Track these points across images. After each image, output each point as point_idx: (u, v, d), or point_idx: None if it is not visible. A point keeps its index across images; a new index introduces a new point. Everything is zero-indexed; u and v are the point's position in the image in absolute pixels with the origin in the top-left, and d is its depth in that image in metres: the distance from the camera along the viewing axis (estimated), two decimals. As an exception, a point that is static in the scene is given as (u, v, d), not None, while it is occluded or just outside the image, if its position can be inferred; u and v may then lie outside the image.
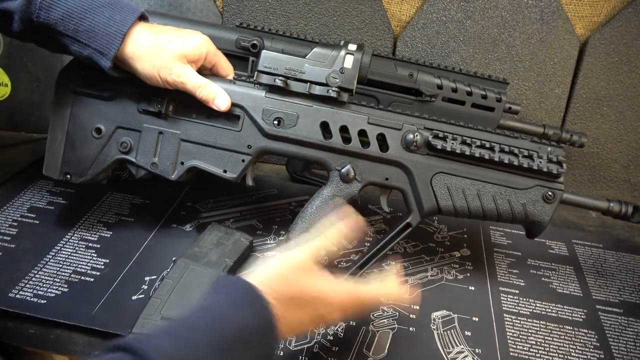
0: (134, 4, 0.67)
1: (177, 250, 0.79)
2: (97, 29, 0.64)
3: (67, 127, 0.74)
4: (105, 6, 0.65)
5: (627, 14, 0.92)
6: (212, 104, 0.70)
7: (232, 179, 0.74)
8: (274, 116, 0.72)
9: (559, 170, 0.69)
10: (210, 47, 0.71)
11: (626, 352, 0.71)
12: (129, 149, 0.74)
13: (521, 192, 0.71)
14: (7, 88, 1.03)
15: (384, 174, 0.72)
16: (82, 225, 0.84)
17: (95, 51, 0.65)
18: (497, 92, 0.86)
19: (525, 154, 0.70)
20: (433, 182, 0.71)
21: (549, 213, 0.71)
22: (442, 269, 0.82)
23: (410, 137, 0.70)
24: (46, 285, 0.72)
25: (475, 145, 0.70)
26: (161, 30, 0.68)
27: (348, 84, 0.70)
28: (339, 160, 0.73)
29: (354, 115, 0.72)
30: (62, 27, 0.64)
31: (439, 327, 0.71)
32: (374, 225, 0.91)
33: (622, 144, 1.00)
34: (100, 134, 0.74)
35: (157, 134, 0.73)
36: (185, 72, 0.68)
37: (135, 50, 0.66)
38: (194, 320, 0.47)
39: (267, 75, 0.70)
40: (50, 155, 0.75)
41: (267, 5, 0.99)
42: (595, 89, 0.97)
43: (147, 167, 0.74)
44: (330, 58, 0.70)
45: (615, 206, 0.74)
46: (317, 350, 0.66)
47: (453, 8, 0.95)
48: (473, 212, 0.72)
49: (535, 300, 0.78)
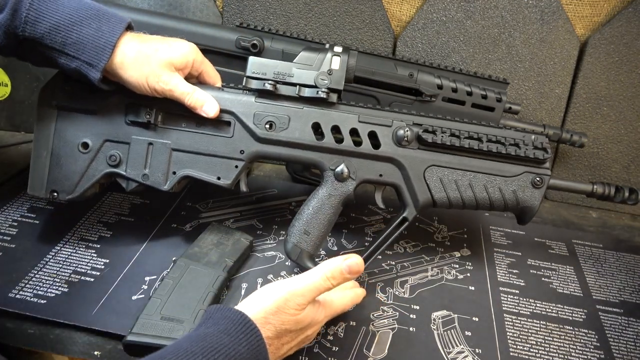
0: (121, 14, 0.67)
1: (177, 250, 0.79)
2: (86, 41, 0.64)
3: (52, 144, 0.73)
4: (92, 18, 0.64)
5: (627, 14, 0.92)
6: (200, 110, 0.70)
7: (226, 185, 0.74)
8: (265, 120, 0.72)
9: (544, 155, 0.72)
10: (197, 55, 0.71)
11: (626, 352, 0.70)
12: (119, 162, 0.73)
13: (511, 179, 0.73)
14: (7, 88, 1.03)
15: (378, 171, 0.73)
16: (82, 225, 0.84)
17: (84, 63, 0.64)
18: (497, 92, 0.86)
19: (511, 142, 0.72)
20: (426, 175, 0.73)
21: (538, 198, 0.74)
22: (442, 269, 0.82)
23: (401, 132, 0.72)
24: (46, 285, 0.72)
25: (464, 136, 0.72)
26: (148, 39, 0.68)
27: (336, 84, 0.71)
28: (332, 160, 0.73)
29: (344, 115, 0.72)
30: (49, 40, 0.63)
31: (439, 327, 0.71)
32: (373, 225, 0.91)
33: (622, 144, 1.00)
34: (87, 148, 0.73)
35: (146, 144, 0.73)
36: (173, 79, 0.68)
37: (124, 60, 0.65)
38: (186, 349, 0.47)
39: (256, 80, 0.71)
40: (35, 173, 0.73)
41: (267, 5, 0.99)
42: (595, 89, 0.97)
43: (138, 179, 0.73)
44: (317, 61, 0.71)
45: (598, 188, 0.78)
46: (317, 351, 0.66)
47: (453, 8, 0.95)
48: (466, 202, 0.73)
49: (536, 300, 0.78)
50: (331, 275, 0.58)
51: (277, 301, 0.55)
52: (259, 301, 0.55)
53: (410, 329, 0.70)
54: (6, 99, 1.03)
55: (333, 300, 0.63)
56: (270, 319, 0.54)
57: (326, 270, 0.58)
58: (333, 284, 0.58)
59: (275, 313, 0.55)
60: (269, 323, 0.54)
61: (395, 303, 0.74)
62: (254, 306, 0.55)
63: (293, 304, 0.55)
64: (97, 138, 0.73)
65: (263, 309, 0.54)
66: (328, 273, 0.58)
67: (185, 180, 0.75)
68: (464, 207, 0.74)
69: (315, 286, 0.57)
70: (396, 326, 0.71)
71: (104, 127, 0.73)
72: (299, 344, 0.60)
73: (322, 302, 0.61)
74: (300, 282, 0.57)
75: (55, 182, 0.73)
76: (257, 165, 1.07)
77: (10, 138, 1.09)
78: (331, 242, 0.86)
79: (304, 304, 0.56)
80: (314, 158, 0.73)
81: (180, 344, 0.49)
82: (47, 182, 0.73)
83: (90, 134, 0.73)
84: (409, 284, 0.78)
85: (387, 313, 0.73)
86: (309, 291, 0.57)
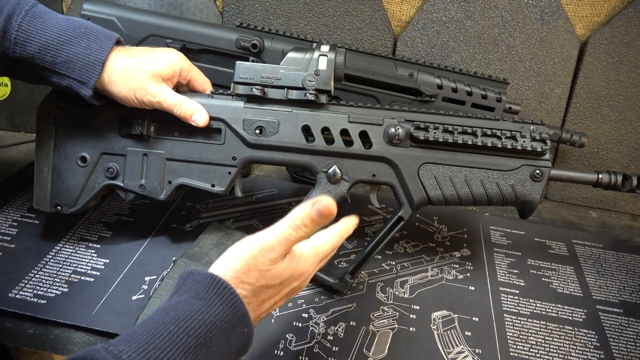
0: (109, 30, 0.67)
1: (177, 250, 0.79)
2: (76, 59, 0.64)
3: (52, 159, 0.74)
4: (81, 36, 0.65)
5: (627, 14, 0.92)
6: (190, 120, 0.70)
7: (221, 192, 0.74)
8: (255, 125, 0.72)
9: (543, 147, 0.69)
10: (184, 63, 0.71)
11: (626, 352, 0.70)
12: (116, 174, 0.74)
13: (508, 173, 0.71)
14: (7, 88, 1.03)
15: (371, 171, 0.73)
16: (82, 225, 0.84)
17: (75, 81, 0.65)
18: (497, 92, 0.86)
19: (508, 135, 0.70)
20: (420, 173, 0.72)
21: (539, 191, 0.72)
22: (442, 269, 0.82)
23: (392, 131, 0.71)
24: (46, 285, 0.72)
25: (458, 132, 0.70)
26: (134, 52, 0.68)
27: (325, 85, 0.70)
28: (324, 162, 0.73)
29: (334, 116, 0.72)
30: (40, 60, 0.64)
31: (439, 327, 0.71)
32: (373, 226, 0.91)
33: (622, 144, 1.00)
34: (85, 162, 0.74)
35: (141, 155, 0.74)
36: (161, 91, 0.68)
37: (112, 76, 0.66)
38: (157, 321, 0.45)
39: (243, 85, 0.70)
40: (39, 189, 0.74)
41: (267, 5, 0.99)
42: (595, 89, 0.97)
43: (136, 190, 0.74)
44: (304, 62, 0.70)
45: (604, 177, 0.74)
46: (317, 351, 0.66)
47: (453, 8, 0.95)
48: (463, 198, 0.72)
49: (536, 300, 0.78)
50: (301, 224, 0.52)
51: (245, 258, 0.51)
52: (227, 261, 0.52)
53: (410, 329, 0.70)
54: (6, 99, 1.03)
55: (318, 245, 0.57)
56: (242, 277, 0.51)
57: (294, 219, 0.53)
58: (306, 232, 0.53)
59: (246, 272, 0.51)
60: (243, 282, 0.50)
61: (395, 303, 0.74)
62: (223, 267, 0.51)
63: (264, 260, 0.51)
64: (94, 151, 0.74)
65: (232, 269, 0.51)
66: (297, 221, 0.52)
67: (181, 189, 0.75)
68: (461, 204, 0.73)
69: (285, 237, 0.52)
70: (396, 326, 0.71)
71: (100, 140, 0.74)
72: (286, 296, 0.56)
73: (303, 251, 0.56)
74: (267, 235, 0.53)
75: (58, 197, 0.74)
76: (257, 165, 1.07)
77: (10, 138, 1.09)
78: (331, 242, 0.86)
79: (276, 257, 0.52)
80: (305, 161, 0.73)
81: (152, 317, 0.46)
82: (50, 197, 0.74)
83: (87, 147, 0.74)
84: (409, 284, 0.78)
85: (387, 313, 0.73)
86: (279, 243, 0.52)
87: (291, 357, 0.65)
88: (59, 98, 0.73)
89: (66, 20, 0.66)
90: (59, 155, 0.74)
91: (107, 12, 0.82)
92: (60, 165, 0.74)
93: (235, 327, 0.47)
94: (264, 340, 0.67)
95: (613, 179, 0.74)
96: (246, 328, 0.49)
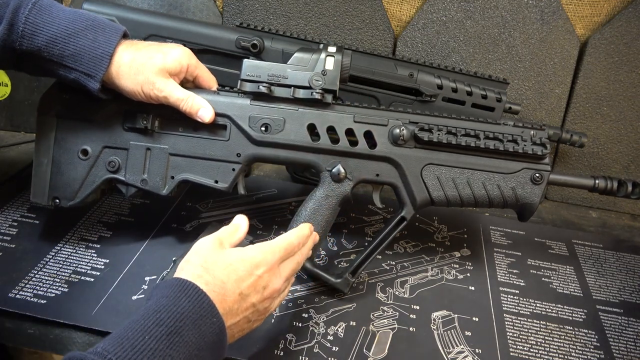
0: (116, 24, 0.67)
1: (177, 250, 0.79)
2: (83, 53, 0.64)
3: (52, 152, 0.73)
4: (88, 28, 0.64)
5: (627, 14, 0.92)
6: (196, 116, 0.70)
7: (224, 188, 0.74)
8: (260, 122, 0.72)
9: (543, 151, 0.71)
10: (191, 59, 0.71)
11: (626, 352, 0.70)
12: (118, 168, 0.73)
13: (509, 176, 0.73)
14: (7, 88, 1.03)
15: (375, 171, 0.73)
16: (82, 225, 0.84)
17: (83, 74, 0.65)
18: (497, 92, 0.86)
19: (509, 138, 0.71)
20: (423, 174, 0.72)
21: (538, 194, 0.73)
22: (442, 269, 0.82)
23: (397, 131, 0.71)
24: (46, 285, 0.72)
25: (461, 134, 0.71)
26: (142, 47, 0.68)
27: (331, 85, 0.70)
28: (328, 161, 0.73)
29: (339, 115, 0.72)
30: (47, 53, 0.64)
31: (439, 327, 0.71)
32: (373, 226, 0.91)
33: (622, 144, 1.00)
34: (86, 155, 0.73)
35: (144, 150, 0.73)
36: (168, 86, 0.68)
37: (120, 69, 0.66)
38: (130, 321, 0.48)
39: (250, 83, 0.71)
40: (37, 181, 0.74)
41: (267, 5, 0.99)
42: (595, 89, 0.97)
43: (137, 185, 0.74)
44: (311, 61, 0.70)
45: (600, 182, 0.76)
46: (317, 351, 0.66)
47: (453, 8, 0.95)
48: (465, 200, 0.73)
49: (536, 300, 0.78)
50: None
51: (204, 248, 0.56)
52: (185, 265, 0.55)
53: (410, 329, 0.70)
54: (6, 99, 1.03)
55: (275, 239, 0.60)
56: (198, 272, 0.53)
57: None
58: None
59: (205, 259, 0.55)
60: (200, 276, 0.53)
61: (395, 303, 0.74)
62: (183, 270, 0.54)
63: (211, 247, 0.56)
64: (96, 145, 0.73)
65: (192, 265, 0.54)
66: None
67: (184, 185, 0.75)
68: (462, 205, 0.74)
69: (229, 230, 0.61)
70: (396, 326, 0.71)
71: (103, 133, 0.73)
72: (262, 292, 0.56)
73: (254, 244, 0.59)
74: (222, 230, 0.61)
75: (57, 189, 0.74)
76: (257, 165, 1.07)
77: (10, 138, 1.09)
78: (331, 242, 0.86)
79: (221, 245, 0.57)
80: (310, 159, 0.73)
81: (125, 325, 0.48)
82: (48, 190, 0.74)
83: (89, 140, 0.73)
84: (409, 284, 0.78)
85: (387, 313, 0.73)
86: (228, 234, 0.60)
87: (291, 357, 0.65)
88: (62, 90, 0.73)
89: (73, 12, 0.65)
90: (59, 147, 0.73)
91: (107, 12, 0.81)
92: (61, 157, 0.73)
93: (204, 317, 0.50)
94: (264, 340, 0.67)
95: (609, 185, 0.76)
96: (214, 318, 0.51)
